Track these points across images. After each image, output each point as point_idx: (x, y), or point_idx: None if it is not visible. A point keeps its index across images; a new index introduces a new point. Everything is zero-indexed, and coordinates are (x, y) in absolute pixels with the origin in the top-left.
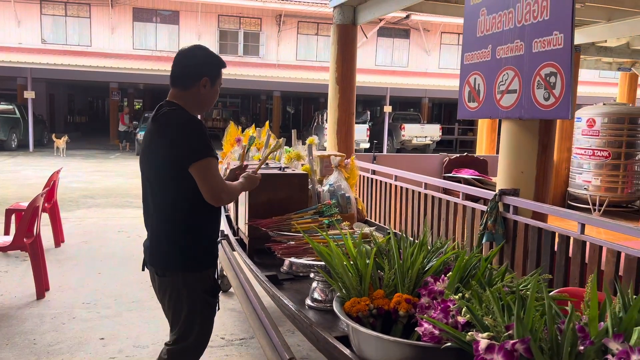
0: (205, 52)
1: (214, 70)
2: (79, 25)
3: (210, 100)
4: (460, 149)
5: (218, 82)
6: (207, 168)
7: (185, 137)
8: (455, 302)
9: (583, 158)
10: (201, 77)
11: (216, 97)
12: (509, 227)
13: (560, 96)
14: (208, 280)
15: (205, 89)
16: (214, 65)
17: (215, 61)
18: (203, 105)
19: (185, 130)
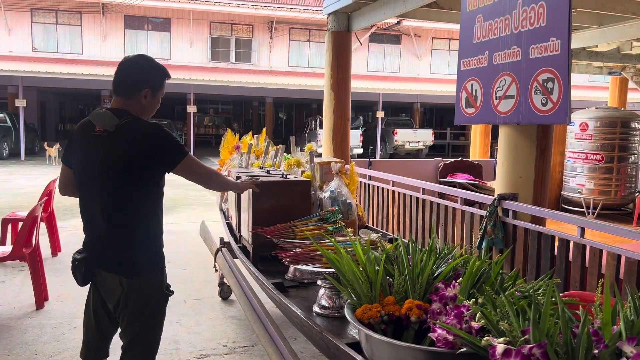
0: (149, 63)
1: (157, 82)
2: (70, 33)
3: (151, 110)
4: (452, 154)
5: (160, 93)
6: (192, 162)
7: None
8: (469, 307)
9: (576, 162)
10: (143, 88)
11: (157, 106)
12: (508, 231)
13: (558, 101)
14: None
15: (146, 99)
16: (156, 76)
17: (157, 72)
18: (143, 115)
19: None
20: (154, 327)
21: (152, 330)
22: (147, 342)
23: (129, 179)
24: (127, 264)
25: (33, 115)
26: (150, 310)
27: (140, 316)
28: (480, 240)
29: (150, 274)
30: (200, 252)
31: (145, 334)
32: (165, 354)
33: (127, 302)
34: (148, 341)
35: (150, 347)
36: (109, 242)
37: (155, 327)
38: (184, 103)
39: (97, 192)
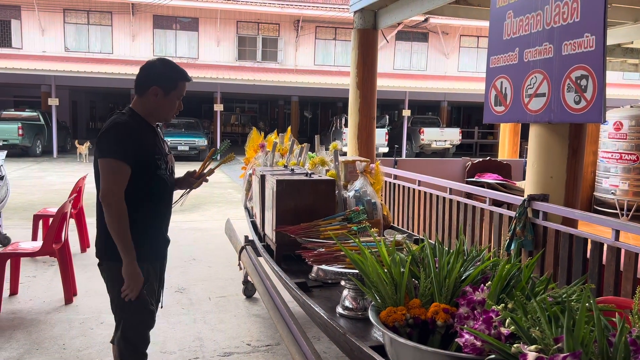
0: (164, 64)
1: (168, 82)
2: (101, 33)
3: (162, 110)
4: (480, 153)
5: (174, 94)
6: (105, 167)
7: (104, 136)
8: (499, 312)
9: (610, 162)
10: (151, 85)
11: (172, 109)
12: (538, 233)
13: (592, 99)
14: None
15: (156, 97)
16: (168, 76)
17: (171, 74)
18: (156, 113)
19: (107, 131)
20: (127, 319)
21: (126, 322)
22: (124, 335)
23: (95, 167)
24: (97, 250)
25: (65, 114)
26: (111, 299)
27: (112, 305)
28: (509, 242)
29: (110, 264)
30: (226, 250)
31: (120, 325)
32: (189, 351)
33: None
34: (125, 335)
35: (129, 341)
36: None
37: (129, 320)
38: (211, 102)
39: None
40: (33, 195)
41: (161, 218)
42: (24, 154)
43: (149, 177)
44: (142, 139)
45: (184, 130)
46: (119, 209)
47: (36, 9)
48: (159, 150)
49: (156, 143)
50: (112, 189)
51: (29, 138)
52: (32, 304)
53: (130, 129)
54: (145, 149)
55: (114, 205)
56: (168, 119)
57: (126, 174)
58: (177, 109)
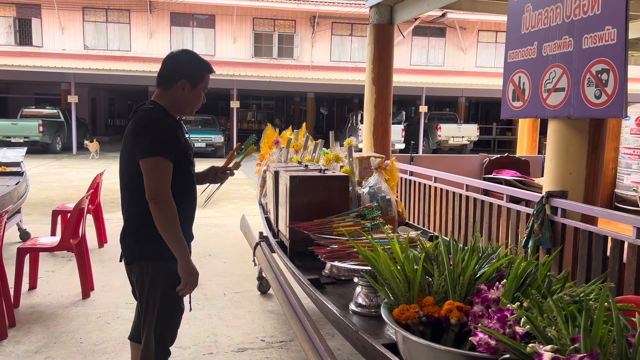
0: (190, 57)
1: (195, 75)
2: (119, 31)
3: (189, 103)
4: (498, 149)
5: (200, 87)
6: (152, 166)
7: (144, 133)
8: (514, 311)
9: (632, 158)
10: (180, 79)
11: (198, 101)
12: (556, 230)
13: (614, 94)
14: (171, 273)
15: (184, 91)
16: (195, 69)
17: (197, 66)
18: (182, 107)
19: (145, 128)
20: (162, 319)
21: (161, 321)
22: (157, 334)
23: (127, 165)
24: (127, 251)
25: (84, 111)
26: (146, 300)
27: (141, 304)
28: (527, 239)
29: (144, 264)
30: (241, 246)
31: (152, 323)
32: (204, 346)
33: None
34: (158, 333)
35: (160, 339)
36: (122, 228)
37: (165, 320)
38: (227, 99)
39: (120, 179)
40: (53, 191)
41: (190, 215)
42: (44, 151)
43: (183, 174)
44: (178, 135)
45: (200, 127)
46: (171, 208)
47: (56, 7)
48: (189, 146)
49: (186, 138)
50: (162, 188)
51: (49, 135)
52: (51, 298)
53: (168, 125)
54: (181, 145)
55: (166, 205)
56: (192, 112)
57: (171, 172)
58: (201, 102)
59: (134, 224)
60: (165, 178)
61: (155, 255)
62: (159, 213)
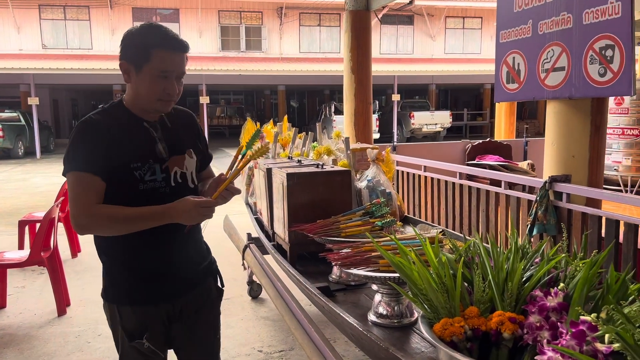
0: (139, 29)
1: (136, 52)
2: (78, 29)
3: (141, 93)
4: (470, 135)
5: (150, 69)
6: (68, 184)
7: (68, 145)
8: (594, 325)
9: (612, 138)
10: (119, 60)
11: (153, 90)
12: (562, 216)
13: (620, 70)
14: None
15: (128, 77)
16: (136, 44)
17: (139, 40)
18: (138, 100)
19: (71, 134)
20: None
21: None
22: None
23: None
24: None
25: (46, 113)
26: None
27: None
28: (531, 227)
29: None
30: (225, 247)
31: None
32: None
33: None
34: None
35: None
36: None
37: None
38: (196, 95)
39: None
40: (18, 199)
41: (160, 245)
42: (6, 157)
43: (129, 193)
44: (113, 141)
45: None
46: (102, 219)
47: (10, 6)
48: (143, 155)
49: (140, 145)
50: (78, 210)
51: (10, 140)
52: (23, 317)
53: (94, 129)
54: (121, 154)
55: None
56: (151, 106)
57: (94, 187)
58: (164, 92)
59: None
60: (84, 198)
61: (109, 295)
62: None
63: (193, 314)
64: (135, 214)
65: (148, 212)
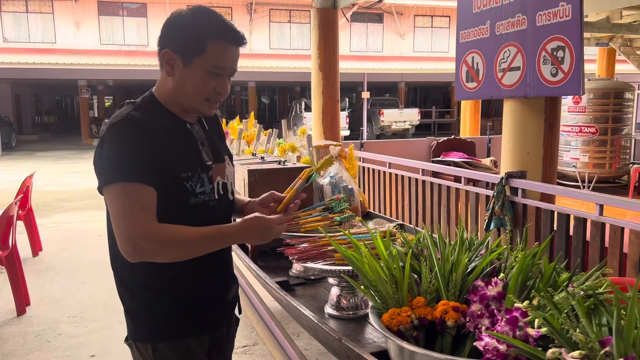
0: (191, 13)
1: (187, 43)
2: (41, 22)
3: (185, 90)
4: (438, 132)
5: (201, 63)
6: (114, 199)
7: (100, 147)
8: (523, 310)
9: (570, 135)
10: (162, 47)
11: (202, 89)
12: (517, 211)
13: (570, 71)
14: (187, 353)
15: (171, 69)
16: (190, 32)
17: (195, 27)
18: (178, 97)
19: (103, 137)
20: None
21: None
22: None
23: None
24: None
25: (7, 109)
26: None
27: None
28: (488, 221)
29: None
30: None
31: None
32: None
33: None
34: None
35: None
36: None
37: None
38: None
39: None
40: None
41: (207, 267)
42: None
43: (179, 209)
44: (161, 146)
45: None
46: (166, 242)
47: None
48: (191, 162)
49: (189, 150)
50: (135, 230)
51: None
52: None
53: (141, 130)
54: (166, 164)
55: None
56: (196, 106)
57: (150, 201)
58: (214, 92)
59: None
60: (140, 216)
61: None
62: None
63: (227, 342)
64: (205, 236)
65: (218, 233)
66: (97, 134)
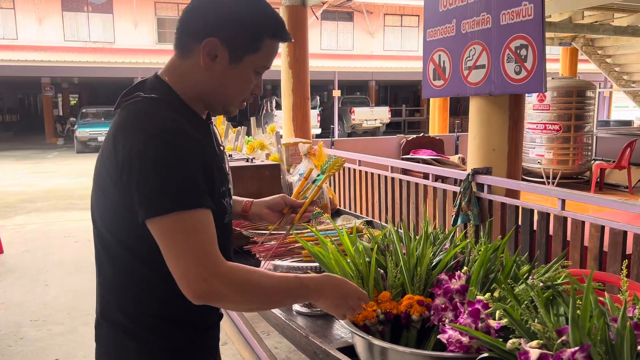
0: (246, 4)
1: (242, 38)
2: (2, 17)
3: (229, 89)
4: (409, 130)
5: (254, 60)
6: (174, 232)
7: (142, 169)
8: (486, 303)
9: (535, 132)
10: (205, 35)
11: (244, 89)
12: (483, 207)
13: (533, 69)
14: None
15: (211, 62)
16: (242, 26)
17: (246, 21)
18: (209, 94)
19: (146, 155)
20: None
21: None
22: None
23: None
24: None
25: None
26: None
27: None
28: (455, 217)
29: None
30: None
31: None
32: None
33: None
34: None
35: None
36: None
37: None
38: None
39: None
40: None
41: None
42: None
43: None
44: (206, 153)
45: (104, 119)
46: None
47: None
48: (223, 173)
49: (218, 159)
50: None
51: None
52: None
53: (191, 142)
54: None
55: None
56: (229, 107)
57: (213, 225)
58: (251, 94)
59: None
60: (209, 251)
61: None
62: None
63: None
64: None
65: (298, 284)
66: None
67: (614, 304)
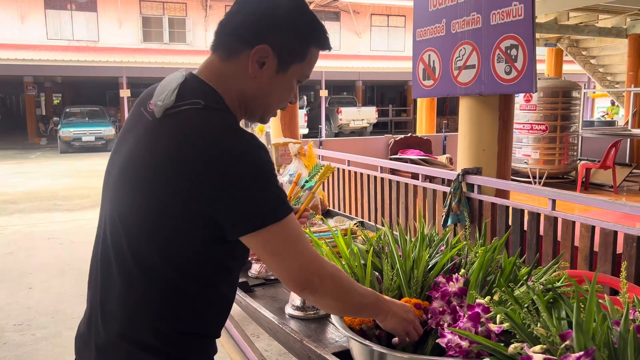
0: (296, 6)
1: (293, 46)
2: None
3: (272, 97)
4: (395, 130)
5: (298, 69)
6: (284, 235)
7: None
8: (485, 306)
9: (522, 132)
10: (258, 42)
11: (285, 97)
12: (474, 207)
13: (523, 69)
14: None
15: (259, 69)
16: (294, 35)
17: (298, 29)
18: (252, 102)
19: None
20: None
21: None
22: None
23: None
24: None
25: None
26: None
27: None
28: (446, 217)
29: None
30: None
31: None
32: None
33: None
34: None
35: None
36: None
37: None
38: (116, 88)
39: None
40: None
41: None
42: None
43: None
44: None
45: (88, 119)
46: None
47: None
48: None
49: None
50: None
51: None
52: None
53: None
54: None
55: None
56: (267, 115)
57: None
58: (288, 102)
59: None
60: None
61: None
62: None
63: None
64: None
65: (375, 296)
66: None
67: (614, 306)
